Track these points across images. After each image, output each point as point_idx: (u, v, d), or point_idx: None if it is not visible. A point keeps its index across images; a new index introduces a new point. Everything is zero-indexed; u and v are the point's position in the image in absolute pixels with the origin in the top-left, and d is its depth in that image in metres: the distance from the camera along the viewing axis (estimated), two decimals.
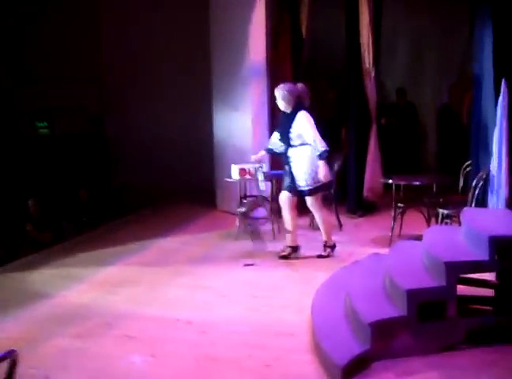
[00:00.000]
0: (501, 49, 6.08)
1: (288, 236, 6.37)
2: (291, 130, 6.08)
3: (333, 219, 7.34)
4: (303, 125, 6.03)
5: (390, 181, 6.74)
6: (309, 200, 6.22)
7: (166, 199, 9.54)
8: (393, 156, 9.09)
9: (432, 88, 10.31)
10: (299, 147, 6.09)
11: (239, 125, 8.48)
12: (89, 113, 10.33)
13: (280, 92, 6.12)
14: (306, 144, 6.05)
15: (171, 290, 5.55)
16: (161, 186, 9.66)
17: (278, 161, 6.77)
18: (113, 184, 10.17)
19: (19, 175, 9.36)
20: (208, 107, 9.07)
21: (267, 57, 8.12)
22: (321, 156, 5.98)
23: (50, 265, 6.41)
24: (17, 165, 9.56)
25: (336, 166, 7.39)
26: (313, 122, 6.05)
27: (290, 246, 6.37)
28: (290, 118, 6.10)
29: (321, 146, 5.97)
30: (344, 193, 8.32)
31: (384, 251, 5.76)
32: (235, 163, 7.15)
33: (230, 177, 7.02)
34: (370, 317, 4.01)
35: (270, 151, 6.41)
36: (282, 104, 6.15)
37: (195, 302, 5.21)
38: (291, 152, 6.16)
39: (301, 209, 6.53)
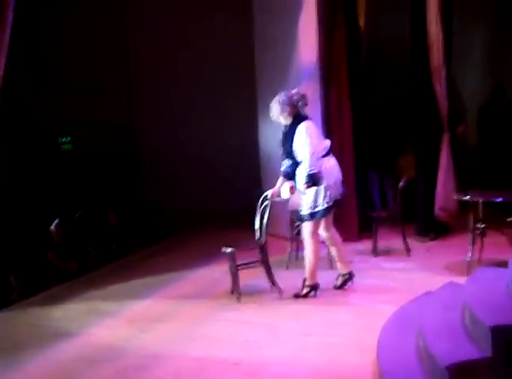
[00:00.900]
0: None
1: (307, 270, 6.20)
2: (293, 145, 6.05)
3: (394, 243, 7.37)
4: (300, 139, 5.98)
5: (467, 197, 6.63)
6: (304, 226, 6.15)
7: (206, 222, 9.59)
8: (477, 168, 8.96)
9: None
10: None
11: None
12: (118, 126, 10.51)
13: (273, 110, 6.12)
14: None
15: (213, 326, 5.56)
16: (201, 207, 9.72)
17: None
18: (146, 205, 10.29)
19: (41, 197, 9.57)
20: (254, 120, 9.14)
21: (319, 57, 8.14)
22: (304, 179, 5.93)
23: (76, 299, 6.49)
24: (39, 185, 9.78)
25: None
26: (314, 135, 5.99)
27: (308, 285, 6.20)
28: (291, 131, 6.07)
29: (308, 167, 5.92)
30: (412, 213, 8.23)
31: (461, 280, 5.65)
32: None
33: (269, 191, 6.99)
34: (448, 359, 3.93)
35: (287, 174, 6.22)
36: (281, 118, 6.13)
37: (241, 340, 5.21)
38: (298, 171, 6.12)
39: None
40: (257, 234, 6.27)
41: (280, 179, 6.28)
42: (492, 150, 9.59)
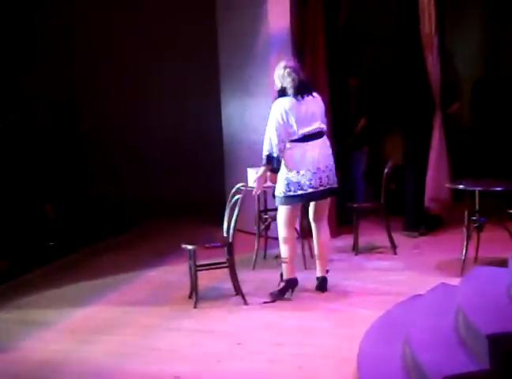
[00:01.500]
0: None
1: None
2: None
3: (378, 239, 7.47)
4: (269, 116, 6.25)
5: (461, 186, 6.66)
6: (277, 211, 6.34)
7: (160, 215, 9.53)
8: (472, 153, 9.03)
9: None
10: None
11: (255, 115, 8.47)
12: (56, 103, 10.37)
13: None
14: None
15: (166, 337, 5.51)
16: (155, 199, 9.69)
17: None
18: (90, 196, 10.19)
19: None
20: (215, 96, 9.15)
21: (292, 22, 8.14)
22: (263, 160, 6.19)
23: (5, 306, 6.40)
24: None
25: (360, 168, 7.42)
26: (280, 114, 6.14)
27: (283, 280, 6.31)
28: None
29: (265, 149, 6.17)
30: (399, 204, 8.26)
31: (455, 281, 5.69)
32: (251, 166, 7.14)
33: (245, 184, 7.00)
34: (439, 371, 3.93)
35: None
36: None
37: (200, 353, 5.17)
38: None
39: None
40: (225, 230, 6.25)
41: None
42: (488, 132, 9.64)
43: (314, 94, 6.32)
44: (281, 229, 6.27)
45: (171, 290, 6.67)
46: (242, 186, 6.31)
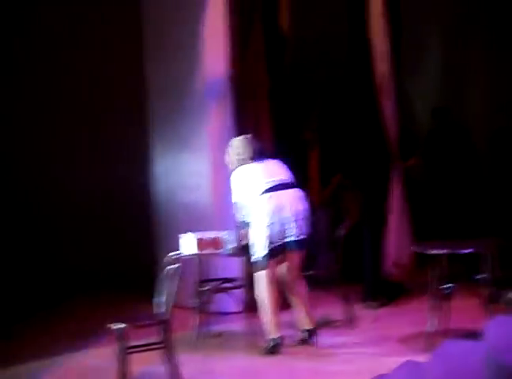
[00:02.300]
0: None
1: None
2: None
3: (334, 311, 7.56)
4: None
5: (428, 250, 6.71)
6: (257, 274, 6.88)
7: (83, 290, 9.39)
8: (431, 212, 9.15)
9: (483, 105, 10.48)
10: None
11: (191, 172, 8.48)
12: None
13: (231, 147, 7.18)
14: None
15: None
16: (75, 272, 9.54)
17: None
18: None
19: None
20: (144, 150, 9.12)
21: (230, 67, 8.27)
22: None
23: None
24: None
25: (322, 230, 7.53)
26: (237, 185, 6.95)
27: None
28: None
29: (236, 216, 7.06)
30: (356, 272, 8.30)
31: (422, 358, 5.67)
32: (185, 231, 7.16)
33: (180, 251, 6.97)
34: None
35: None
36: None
37: None
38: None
39: None
40: (159, 306, 6.18)
41: None
42: (442, 187, 9.82)
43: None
44: (258, 288, 6.80)
45: (98, 377, 6.53)
46: (178, 255, 6.26)
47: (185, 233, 7.14)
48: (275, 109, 8.32)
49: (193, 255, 7.03)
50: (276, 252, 6.76)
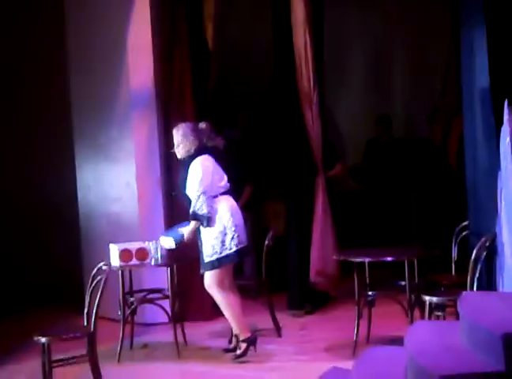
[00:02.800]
0: (499, 57, 6.29)
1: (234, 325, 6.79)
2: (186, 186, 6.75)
3: (261, 319, 7.54)
4: (191, 175, 6.67)
5: (350, 258, 6.77)
6: (206, 277, 6.72)
7: (7, 300, 9.21)
8: (356, 221, 9.24)
9: (403, 116, 10.66)
10: None
11: (116, 183, 8.42)
12: None
13: (180, 132, 6.80)
14: None
15: None
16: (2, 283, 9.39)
17: None
18: None
19: None
20: (69, 162, 9.02)
21: (155, 81, 8.23)
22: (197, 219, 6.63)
23: None
24: None
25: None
26: (207, 171, 6.66)
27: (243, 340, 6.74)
28: (186, 167, 6.77)
29: (195, 206, 6.60)
30: (281, 280, 8.33)
31: (348, 364, 5.74)
32: (113, 242, 7.10)
33: (104, 263, 6.91)
34: None
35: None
36: (182, 149, 6.77)
37: None
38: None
39: None
40: (86, 318, 6.11)
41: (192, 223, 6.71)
42: (378, 196, 9.96)
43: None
44: (217, 293, 6.71)
45: None
46: (104, 265, 6.22)
47: (110, 244, 7.08)
48: (201, 118, 8.31)
49: (118, 266, 6.98)
50: (238, 255, 6.71)
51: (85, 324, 6.06)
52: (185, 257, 7.30)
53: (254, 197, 9.21)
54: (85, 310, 6.13)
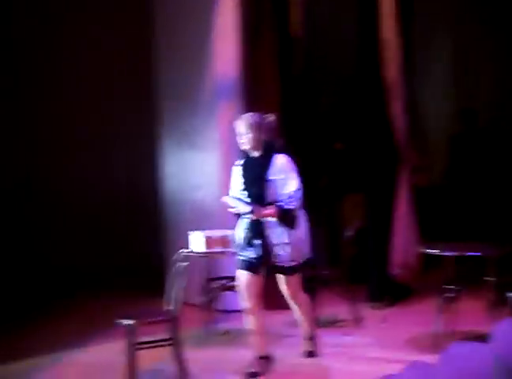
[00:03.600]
0: None
1: (254, 341, 6.38)
2: (268, 181, 6.19)
3: (340, 311, 7.56)
4: (287, 174, 6.18)
5: (435, 251, 6.70)
6: (291, 280, 6.34)
7: (88, 285, 9.39)
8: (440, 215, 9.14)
9: (489, 109, 10.48)
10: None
11: (200, 170, 8.48)
12: None
13: (248, 121, 6.29)
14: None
15: None
16: (81, 266, 9.54)
17: None
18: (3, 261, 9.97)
19: None
20: (153, 149, 9.14)
21: (241, 69, 8.23)
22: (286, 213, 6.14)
23: None
24: None
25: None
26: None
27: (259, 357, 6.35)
28: (263, 163, 6.25)
29: (291, 203, 6.14)
30: (361, 272, 8.31)
31: (429, 358, 5.66)
32: (196, 229, 7.15)
33: (188, 249, 6.99)
34: None
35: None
36: (250, 141, 6.26)
37: None
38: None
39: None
40: (169, 303, 6.17)
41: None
42: (464, 191, 9.82)
43: None
44: (300, 296, 6.49)
45: (104, 373, 6.50)
46: (187, 252, 6.27)
47: (193, 231, 7.14)
48: (285, 109, 8.30)
49: (201, 253, 7.03)
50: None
51: (169, 308, 6.14)
52: None
53: (334, 188, 9.19)
54: (168, 295, 6.21)
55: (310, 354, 6.60)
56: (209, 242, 6.98)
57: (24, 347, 7.31)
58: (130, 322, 5.95)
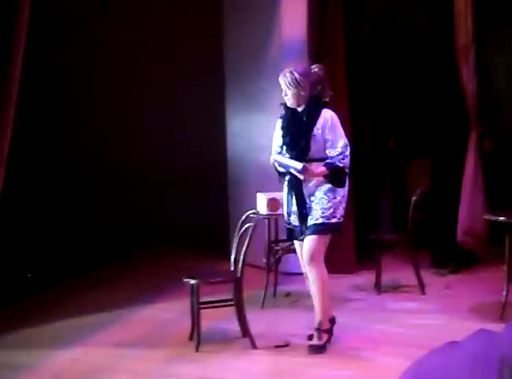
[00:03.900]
0: None
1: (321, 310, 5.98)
2: (313, 136, 5.95)
3: (404, 276, 7.48)
4: (334, 130, 5.94)
5: (503, 218, 6.59)
6: (313, 242, 5.88)
7: (155, 245, 9.48)
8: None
9: None
10: (316, 163, 5.94)
11: (265, 132, 8.44)
12: (36, 114, 10.31)
13: (288, 78, 6.03)
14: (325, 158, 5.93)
15: None
16: (149, 226, 9.64)
17: None
18: (75, 220, 10.12)
19: None
20: (219, 111, 9.13)
21: (309, 29, 8.15)
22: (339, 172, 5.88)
23: None
24: None
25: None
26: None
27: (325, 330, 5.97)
28: (308, 117, 6.01)
29: (340, 161, 5.88)
30: (426, 238, 8.22)
31: (495, 327, 5.58)
32: (260, 191, 7.11)
33: (254, 211, 6.98)
34: None
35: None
36: (292, 97, 6.03)
37: None
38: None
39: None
40: (233, 263, 6.19)
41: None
42: None
43: None
44: (315, 265, 5.87)
45: (169, 330, 6.59)
46: (253, 214, 6.27)
47: (258, 193, 7.14)
48: (352, 69, 8.22)
49: (266, 215, 7.02)
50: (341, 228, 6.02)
51: (233, 269, 6.17)
52: None
53: (400, 151, 9.10)
54: (232, 256, 6.24)
55: (313, 348, 5.91)
56: (273, 204, 6.97)
57: (90, 303, 7.46)
58: (195, 281, 6.00)
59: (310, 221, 5.88)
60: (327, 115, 5.97)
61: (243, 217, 6.24)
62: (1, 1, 5.83)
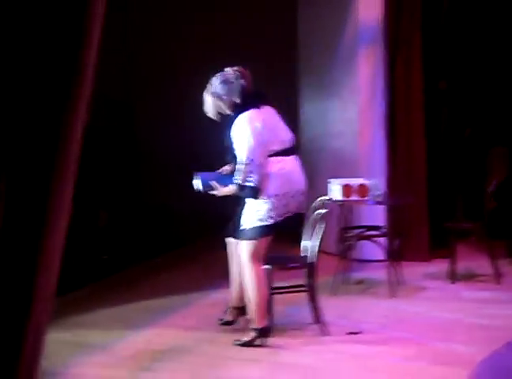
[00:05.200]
0: None
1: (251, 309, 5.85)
2: (230, 146, 5.89)
3: (479, 265, 7.40)
4: (236, 136, 5.76)
5: None
6: (242, 246, 5.89)
7: (224, 230, 9.49)
8: None
9: None
10: None
11: (338, 119, 8.42)
12: (112, 103, 10.40)
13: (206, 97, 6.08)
14: None
15: (235, 368, 5.46)
16: (218, 211, 9.64)
17: None
18: (146, 204, 10.21)
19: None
20: (293, 97, 9.10)
21: (384, 14, 8.05)
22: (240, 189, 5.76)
23: (53, 326, 6.37)
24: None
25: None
26: (257, 131, 5.68)
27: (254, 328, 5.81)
28: (229, 124, 5.87)
29: (240, 177, 5.72)
30: (501, 227, 8.07)
31: None
32: (333, 177, 7.07)
33: (326, 197, 6.94)
34: None
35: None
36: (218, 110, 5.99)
37: None
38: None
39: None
40: (306, 250, 6.13)
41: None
42: None
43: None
44: (247, 266, 5.85)
45: None
46: (327, 200, 6.21)
47: (332, 179, 7.10)
48: (429, 52, 8.11)
49: (339, 201, 6.97)
50: (275, 228, 5.79)
51: (306, 255, 6.12)
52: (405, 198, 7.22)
53: (478, 139, 8.95)
54: (304, 242, 6.19)
55: (238, 342, 5.75)
56: (347, 190, 6.92)
57: (162, 286, 7.55)
58: (267, 267, 5.96)
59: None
60: (237, 121, 5.75)
61: (315, 203, 6.19)
62: None
